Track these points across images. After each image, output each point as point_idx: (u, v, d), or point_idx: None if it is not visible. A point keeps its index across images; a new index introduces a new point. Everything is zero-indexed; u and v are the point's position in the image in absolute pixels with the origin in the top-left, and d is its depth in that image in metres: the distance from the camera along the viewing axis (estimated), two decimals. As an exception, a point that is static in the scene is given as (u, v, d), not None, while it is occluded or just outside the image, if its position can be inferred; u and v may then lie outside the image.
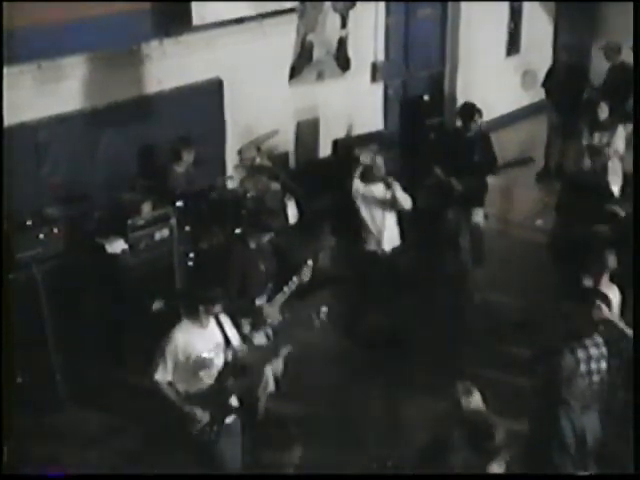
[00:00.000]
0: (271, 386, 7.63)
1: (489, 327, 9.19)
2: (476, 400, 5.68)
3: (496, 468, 5.02)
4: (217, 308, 6.40)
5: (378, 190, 8.75)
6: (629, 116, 11.01)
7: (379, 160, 8.83)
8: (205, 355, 6.31)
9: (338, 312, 9.32)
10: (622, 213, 8.64)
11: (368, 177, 8.79)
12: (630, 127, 11.04)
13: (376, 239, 8.82)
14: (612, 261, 7.22)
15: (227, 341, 6.42)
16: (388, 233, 8.87)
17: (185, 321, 6.38)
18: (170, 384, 6.29)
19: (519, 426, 6.16)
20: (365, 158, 9.04)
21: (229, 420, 6.46)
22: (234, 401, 6.51)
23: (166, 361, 6.24)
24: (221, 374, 6.38)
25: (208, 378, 6.35)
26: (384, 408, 8.16)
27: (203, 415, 6.26)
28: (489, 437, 5.01)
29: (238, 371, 6.49)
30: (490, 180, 10.06)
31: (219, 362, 6.38)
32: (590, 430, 5.93)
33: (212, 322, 6.41)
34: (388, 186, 8.66)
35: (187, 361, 6.27)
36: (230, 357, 6.40)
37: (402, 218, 9.02)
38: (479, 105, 10.09)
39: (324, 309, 7.03)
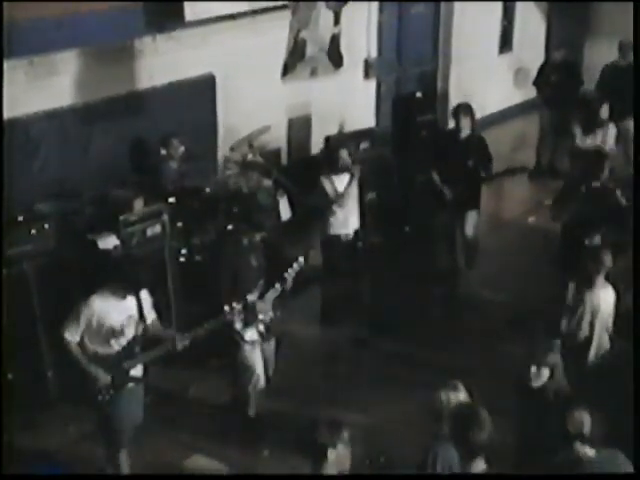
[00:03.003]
0: (262, 383, 7.64)
1: (482, 324, 9.22)
2: (462, 397, 5.69)
3: (481, 463, 5.03)
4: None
5: (342, 180, 9.19)
6: (622, 114, 11.06)
7: (343, 153, 9.23)
8: (117, 325, 6.59)
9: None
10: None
11: (333, 168, 9.21)
12: (622, 124, 11.11)
13: (340, 224, 9.21)
14: (608, 261, 7.22)
15: (141, 315, 6.70)
16: (352, 218, 9.28)
17: (105, 290, 6.60)
18: (78, 344, 6.57)
19: (510, 423, 6.17)
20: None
21: (129, 386, 6.74)
22: (138, 371, 6.81)
23: (79, 324, 6.53)
24: (130, 344, 6.68)
25: (117, 345, 6.64)
26: (371, 402, 8.18)
27: (104, 377, 6.56)
28: (476, 430, 5.02)
29: (148, 343, 6.83)
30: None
31: (130, 333, 6.67)
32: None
33: (131, 296, 6.67)
34: (352, 176, 9.17)
35: (100, 328, 6.55)
36: (141, 331, 6.73)
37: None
38: (471, 102, 10.09)
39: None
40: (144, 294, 6.77)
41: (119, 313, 6.61)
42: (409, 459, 5.62)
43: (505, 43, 14.70)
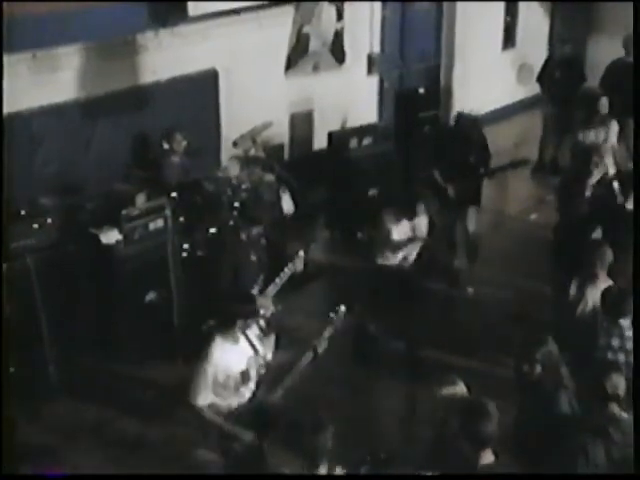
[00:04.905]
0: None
1: (481, 321, 9.22)
2: (459, 391, 5.70)
3: (489, 455, 5.05)
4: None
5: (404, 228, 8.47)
6: (626, 110, 11.03)
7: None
8: (244, 370, 6.20)
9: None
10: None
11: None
12: (626, 121, 11.08)
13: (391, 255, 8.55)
14: (609, 256, 7.22)
15: (256, 351, 6.31)
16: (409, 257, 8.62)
17: (219, 339, 6.17)
18: (210, 406, 6.12)
19: (517, 415, 6.17)
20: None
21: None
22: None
23: (207, 384, 6.07)
24: (258, 385, 6.26)
25: (248, 392, 6.23)
26: (378, 400, 8.18)
27: (247, 434, 6.11)
28: (485, 422, 5.04)
29: (270, 380, 6.34)
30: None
31: (254, 373, 6.26)
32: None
33: (241, 335, 6.27)
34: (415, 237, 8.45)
35: (227, 379, 6.12)
36: (262, 366, 6.29)
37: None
38: (475, 98, 10.11)
39: (342, 308, 6.79)
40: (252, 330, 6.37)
41: (240, 357, 6.18)
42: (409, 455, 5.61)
43: (508, 39, 14.68)
